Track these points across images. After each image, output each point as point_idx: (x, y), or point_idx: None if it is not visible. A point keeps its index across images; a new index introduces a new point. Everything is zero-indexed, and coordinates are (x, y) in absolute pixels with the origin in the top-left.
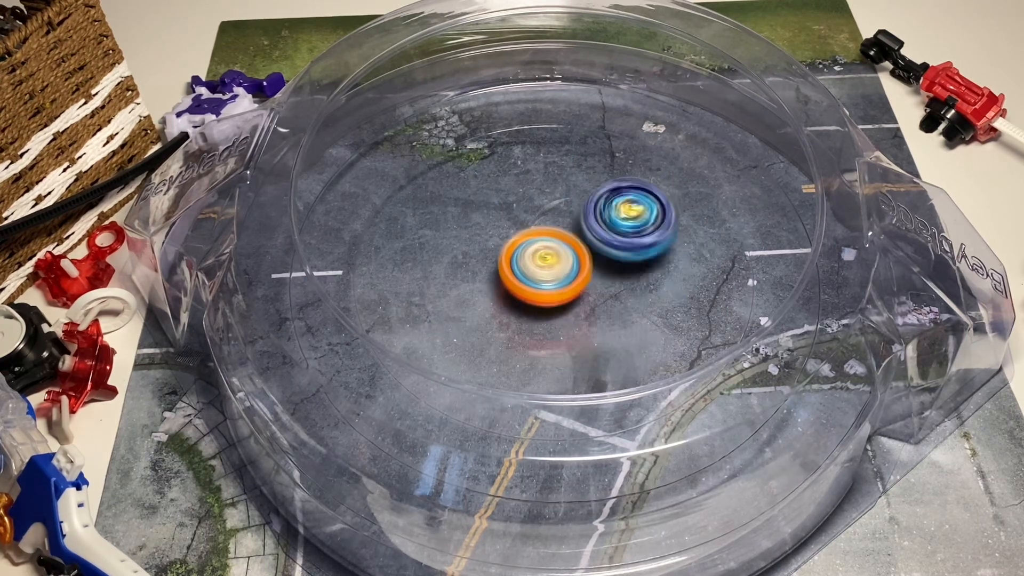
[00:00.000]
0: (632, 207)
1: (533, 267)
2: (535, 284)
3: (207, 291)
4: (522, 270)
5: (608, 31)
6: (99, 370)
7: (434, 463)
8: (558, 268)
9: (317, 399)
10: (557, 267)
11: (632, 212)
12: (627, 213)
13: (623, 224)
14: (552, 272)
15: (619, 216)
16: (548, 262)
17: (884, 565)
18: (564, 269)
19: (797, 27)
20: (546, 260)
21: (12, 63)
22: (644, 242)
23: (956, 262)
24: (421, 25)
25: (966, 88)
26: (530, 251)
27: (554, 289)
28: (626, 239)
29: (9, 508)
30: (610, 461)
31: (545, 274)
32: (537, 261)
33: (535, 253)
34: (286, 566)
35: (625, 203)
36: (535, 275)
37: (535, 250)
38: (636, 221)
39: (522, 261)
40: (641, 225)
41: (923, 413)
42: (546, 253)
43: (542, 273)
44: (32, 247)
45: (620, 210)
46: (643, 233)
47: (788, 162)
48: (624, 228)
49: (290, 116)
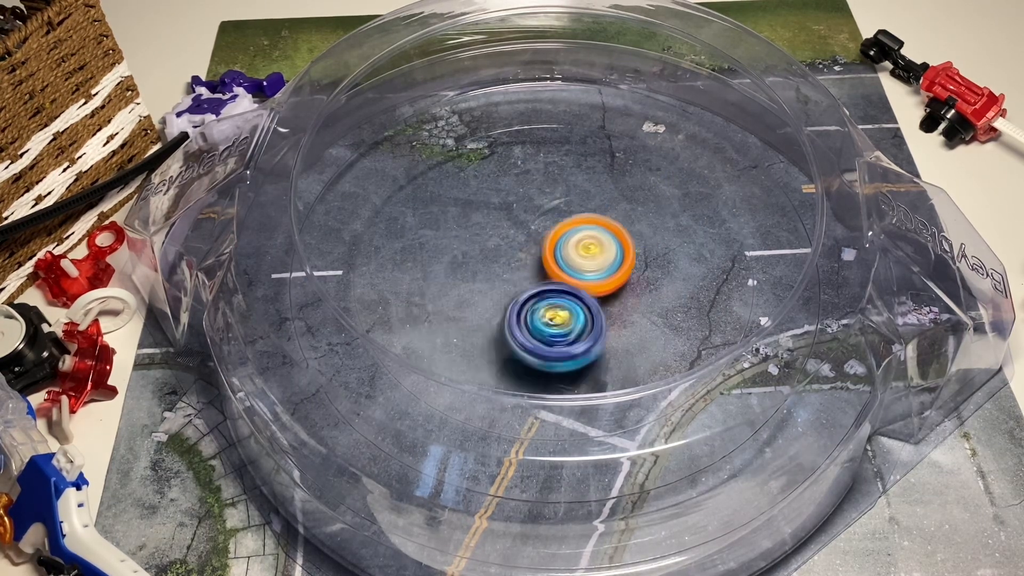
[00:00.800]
0: (558, 313)
1: (577, 257)
2: (580, 275)
3: (207, 291)
4: (566, 260)
5: (608, 31)
6: (99, 370)
7: (434, 463)
8: (602, 258)
9: (317, 399)
10: (601, 257)
11: (558, 318)
12: (552, 319)
13: (548, 331)
14: (596, 262)
15: (543, 322)
16: (592, 252)
17: (884, 565)
18: (608, 258)
19: (797, 27)
20: (590, 250)
21: (12, 63)
22: (573, 351)
23: (956, 262)
24: (421, 25)
25: (966, 88)
26: (574, 241)
27: (599, 280)
28: (552, 349)
29: (9, 508)
30: (610, 461)
31: (589, 264)
32: (581, 251)
33: (579, 243)
34: (286, 566)
35: (549, 308)
36: (579, 265)
37: (579, 240)
38: (562, 328)
39: (566, 251)
40: (566, 333)
41: (923, 413)
42: (590, 243)
43: (586, 263)
44: (32, 247)
45: (545, 315)
46: (570, 342)
47: (788, 162)
48: (549, 336)
49: (290, 116)
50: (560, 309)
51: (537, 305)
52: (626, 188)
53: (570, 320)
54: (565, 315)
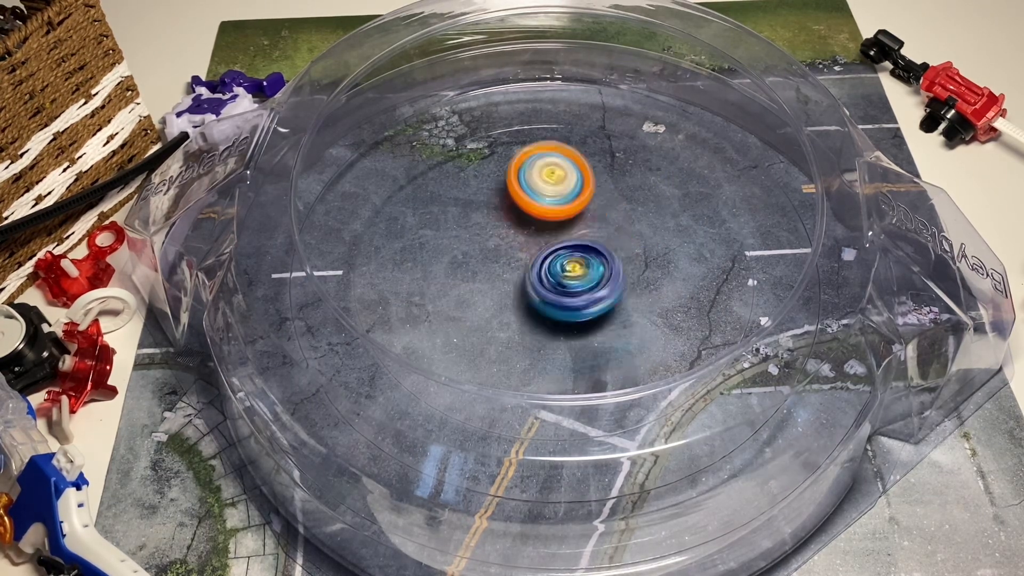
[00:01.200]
0: (577, 266)
1: (540, 182)
2: (540, 198)
3: (207, 291)
4: (529, 184)
5: (608, 31)
6: (99, 370)
7: (434, 463)
8: (563, 185)
9: (317, 399)
10: (562, 184)
11: (578, 271)
12: (573, 272)
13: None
14: (556, 188)
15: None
16: (554, 177)
17: (884, 565)
18: (568, 186)
19: (797, 27)
20: (552, 175)
21: (12, 63)
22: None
23: (956, 262)
24: (421, 25)
25: (966, 88)
26: (538, 166)
27: (558, 205)
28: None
29: (9, 508)
30: (610, 461)
31: (550, 189)
32: (544, 176)
33: (543, 169)
34: (286, 566)
35: (570, 262)
36: (541, 189)
37: (543, 165)
38: (582, 280)
39: (529, 175)
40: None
41: (923, 413)
42: (553, 168)
43: (548, 188)
44: (32, 247)
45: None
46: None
47: (788, 162)
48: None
49: (290, 116)
50: (578, 262)
51: (556, 260)
52: (626, 188)
53: (588, 272)
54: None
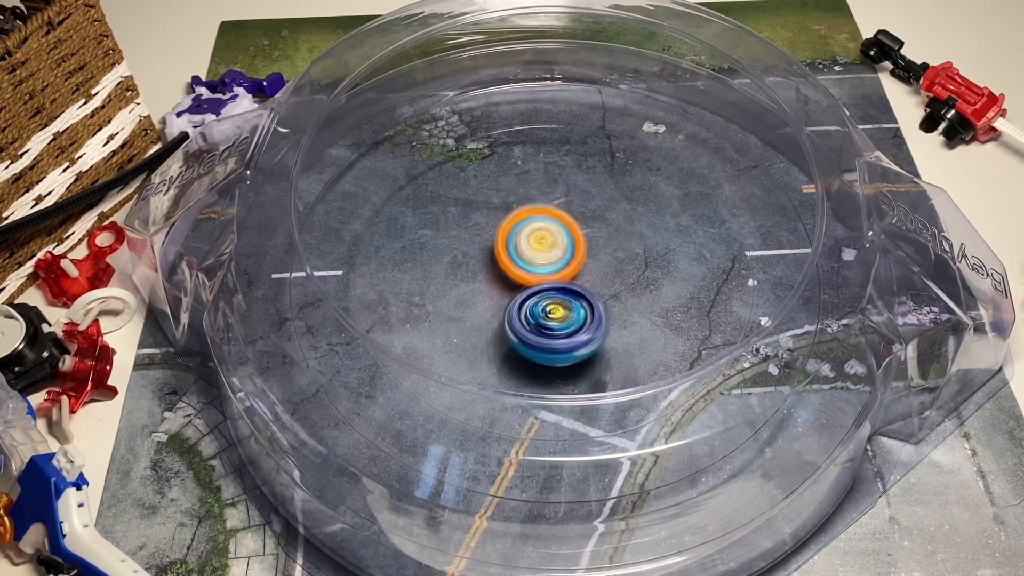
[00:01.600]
0: (558, 309)
1: (529, 250)
2: (531, 268)
3: (207, 291)
4: (518, 253)
5: (608, 31)
6: (99, 370)
7: (434, 463)
8: (554, 252)
9: (317, 399)
10: (553, 250)
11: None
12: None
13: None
14: (548, 256)
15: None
16: (544, 245)
17: (884, 565)
18: (559, 252)
19: (797, 27)
20: (543, 242)
21: (12, 63)
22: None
23: (956, 262)
24: (421, 25)
25: (966, 88)
26: (525, 233)
27: (551, 272)
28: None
29: (9, 508)
30: (610, 461)
31: (541, 257)
32: (533, 244)
33: (531, 235)
34: (286, 566)
35: (552, 304)
36: (531, 258)
37: (531, 232)
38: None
39: (518, 243)
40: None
41: (923, 413)
42: (543, 235)
43: (538, 256)
44: (32, 247)
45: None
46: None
47: (788, 162)
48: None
49: (290, 116)
50: (560, 304)
51: (538, 302)
52: (626, 188)
53: (570, 315)
54: (564, 311)
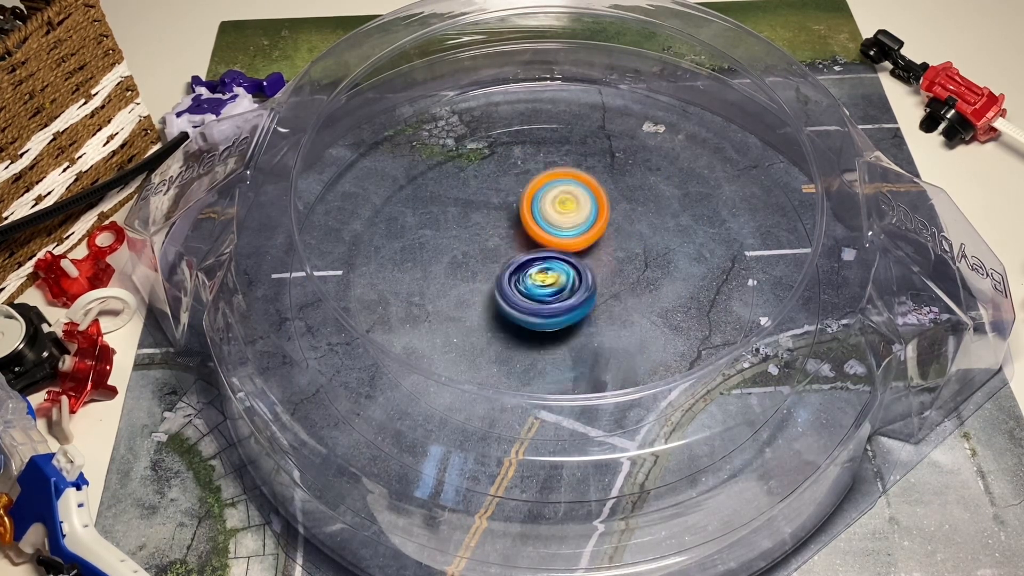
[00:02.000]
0: (547, 275)
1: (554, 213)
2: (556, 231)
3: (207, 291)
4: (543, 216)
5: (608, 31)
6: (99, 370)
7: (434, 463)
8: (577, 214)
9: (317, 399)
10: (576, 213)
11: (547, 279)
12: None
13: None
14: (571, 218)
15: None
16: (568, 208)
17: (884, 565)
18: (583, 215)
19: (797, 27)
20: (566, 206)
21: (12, 63)
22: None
23: (956, 262)
24: (421, 25)
25: (966, 88)
26: (551, 196)
27: (574, 236)
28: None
29: (9, 508)
30: (610, 461)
31: (565, 220)
32: (557, 207)
33: (555, 199)
34: (286, 566)
35: (539, 272)
36: (556, 221)
37: (555, 195)
38: (553, 288)
39: (543, 207)
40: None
41: (923, 413)
42: (565, 198)
43: (562, 219)
44: (32, 247)
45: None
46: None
47: (788, 162)
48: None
49: (290, 116)
50: (548, 272)
51: (526, 272)
52: (626, 188)
53: (559, 279)
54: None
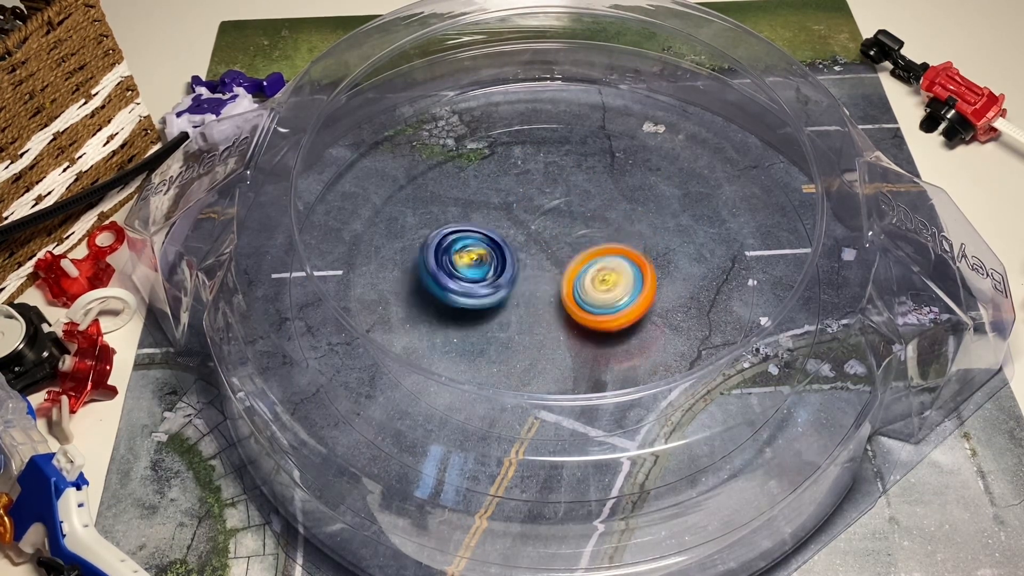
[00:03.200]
0: (471, 254)
1: (595, 293)
2: (605, 311)
3: (207, 291)
4: (584, 299)
5: (608, 31)
6: (99, 370)
7: (434, 463)
8: (621, 287)
9: (317, 399)
10: (620, 286)
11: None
12: (468, 261)
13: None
14: (615, 294)
15: (462, 264)
16: (609, 283)
17: (884, 565)
18: (628, 283)
19: (797, 27)
20: (607, 282)
21: (12, 63)
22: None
23: (956, 262)
24: (421, 25)
25: (966, 88)
26: (589, 277)
27: (625, 309)
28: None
29: (9, 508)
30: (610, 461)
31: (610, 297)
32: (599, 286)
33: (594, 279)
34: (286, 566)
35: (464, 252)
36: (600, 301)
37: (593, 276)
38: (479, 269)
39: (583, 290)
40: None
41: (923, 413)
42: (605, 275)
43: (606, 297)
44: (32, 247)
45: (462, 258)
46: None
47: (788, 162)
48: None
49: (290, 116)
50: (473, 251)
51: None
52: (626, 188)
53: (487, 257)
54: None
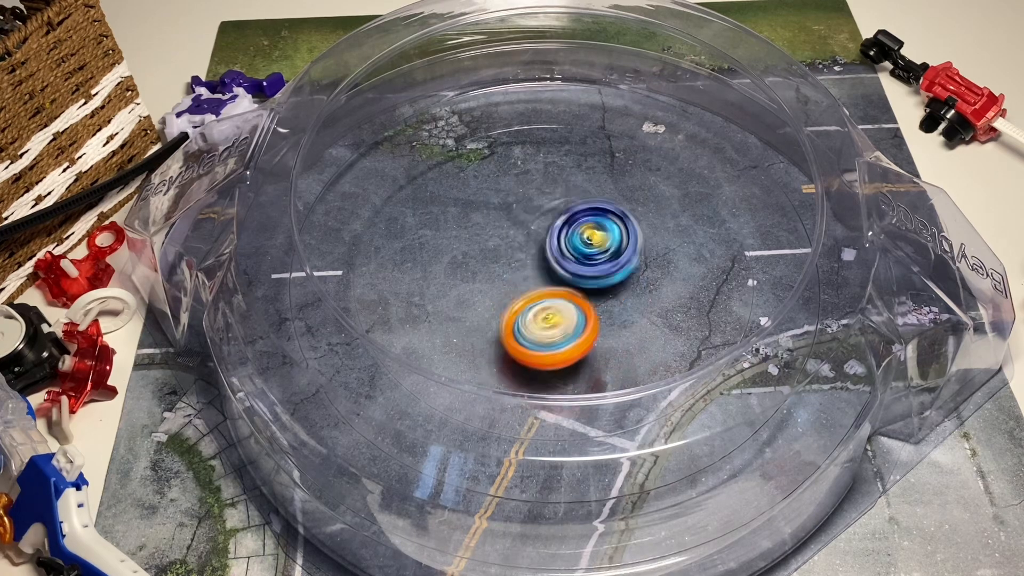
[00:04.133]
0: (595, 233)
1: (538, 331)
2: (545, 348)
3: (207, 291)
4: (526, 336)
5: (608, 31)
6: (99, 370)
7: (434, 463)
8: (564, 325)
9: (317, 399)
10: (563, 325)
11: (596, 238)
12: (592, 239)
13: (591, 251)
14: (559, 331)
15: (584, 243)
16: (552, 322)
17: (884, 565)
18: (570, 325)
19: (797, 27)
20: (549, 320)
21: (12, 63)
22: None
23: (956, 262)
24: (421, 25)
25: (966, 88)
26: (531, 315)
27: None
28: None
29: (9, 508)
30: (610, 461)
31: (554, 334)
32: (540, 323)
33: (536, 316)
34: (286, 566)
35: (587, 228)
36: (543, 339)
37: (536, 313)
38: (603, 247)
39: (526, 328)
40: (608, 249)
41: (923, 413)
42: (548, 314)
43: (549, 335)
44: (32, 247)
45: (585, 236)
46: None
47: (788, 162)
48: (593, 254)
49: (290, 116)
50: (596, 228)
51: (574, 229)
52: (626, 188)
53: (607, 238)
54: (602, 235)
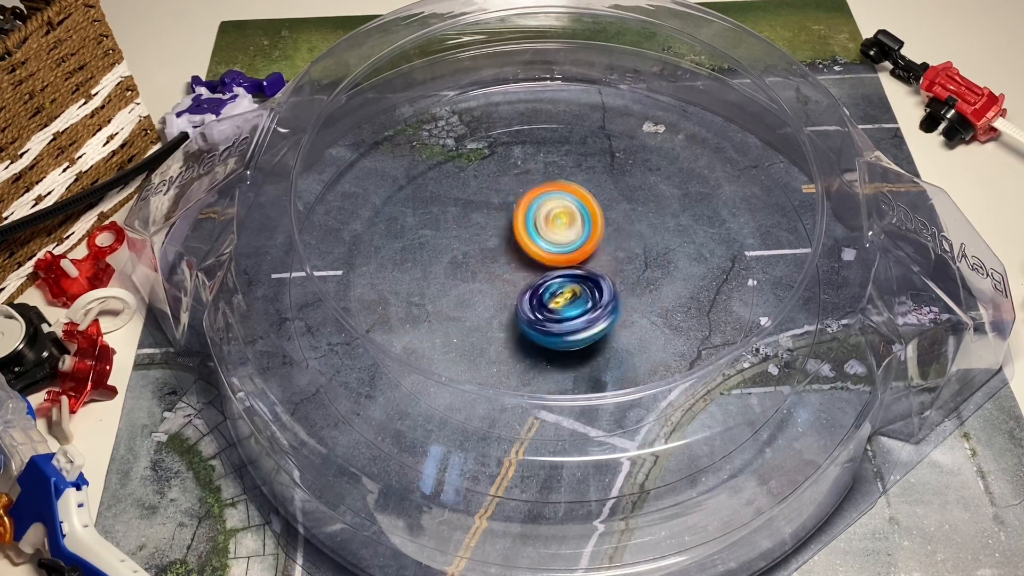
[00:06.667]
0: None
1: (547, 229)
2: (552, 247)
3: (207, 291)
4: (538, 232)
5: (608, 31)
6: (99, 370)
7: (434, 463)
8: (573, 229)
9: (317, 399)
10: (571, 228)
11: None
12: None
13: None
14: (566, 233)
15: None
16: (563, 223)
17: (884, 565)
18: (577, 230)
19: (797, 27)
20: (556, 223)
21: (12, 63)
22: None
23: (956, 262)
24: (421, 25)
25: (966, 88)
26: (544, 212)
27: (569, 251)
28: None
29: (9, 508)
30: (610, 461)
31: (560, 236)
32: (552, 223)
33: (549, 214)
34: (286, 566)
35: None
36: (551, 237)
37: (548, 211)
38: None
39: (537, 222)
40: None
41: (923, 413)
42: (560, 213)
43: (557, 235)
44: (32, 247)
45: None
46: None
47: (788, 162)
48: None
49: (290, 116)
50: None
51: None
52: (626, 188)
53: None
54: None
